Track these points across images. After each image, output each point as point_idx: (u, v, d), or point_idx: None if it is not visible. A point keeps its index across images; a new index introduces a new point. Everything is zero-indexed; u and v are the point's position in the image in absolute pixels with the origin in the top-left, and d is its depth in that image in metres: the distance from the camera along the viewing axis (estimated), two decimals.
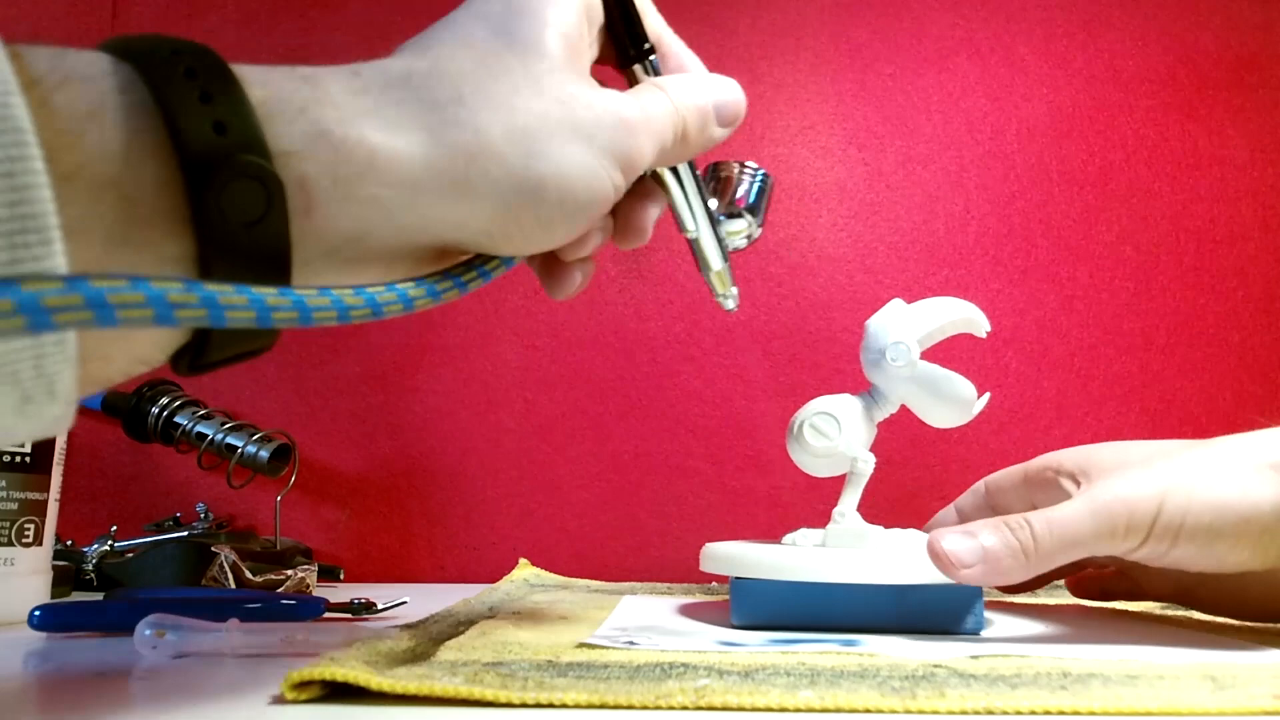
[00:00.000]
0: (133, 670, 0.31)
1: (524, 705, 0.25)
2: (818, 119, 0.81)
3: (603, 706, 0.25)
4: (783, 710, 0.24)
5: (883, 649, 0.33)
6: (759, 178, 0.38)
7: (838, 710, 0.24)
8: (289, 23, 0.83)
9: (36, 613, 0.38)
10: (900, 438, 0.43)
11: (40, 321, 0.16)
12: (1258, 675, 0.28)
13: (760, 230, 0.39)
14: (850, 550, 0.40)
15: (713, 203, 0.37)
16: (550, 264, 0.34)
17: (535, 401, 0.78)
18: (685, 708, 0.24)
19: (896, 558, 0.38)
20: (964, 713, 0.24)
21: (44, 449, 0.47)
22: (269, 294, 0.21)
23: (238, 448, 0.66)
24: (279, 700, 0.26)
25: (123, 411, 0.68)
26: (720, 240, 0.38)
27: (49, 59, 0.19)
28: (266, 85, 0.22)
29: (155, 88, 0.20)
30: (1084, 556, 0.35)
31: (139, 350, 0.22)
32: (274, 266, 0.22)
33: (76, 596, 0.57)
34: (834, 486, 0.45)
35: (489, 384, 0.78)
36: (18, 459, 0.45)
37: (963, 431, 0.47)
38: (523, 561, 0.69)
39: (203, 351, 0.23)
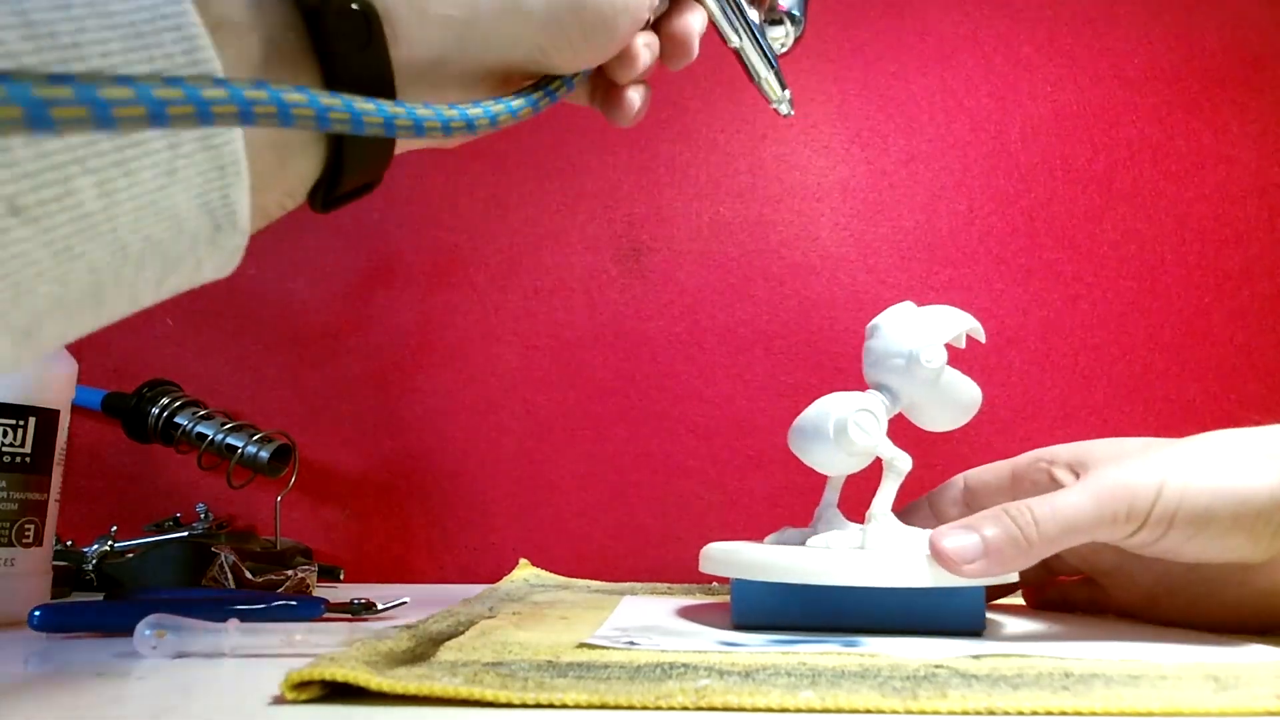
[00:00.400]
0: (133, 670, 0.31)
1: (524, 705, 0.25)
2: (821, 118, 0.81)
3: (603, 707, 0.25)
4: (783, 710, 0.24)
5: (884, 649, 0.33)
6: None
7: (838, 711, 0.24)
8: None
9: (36, 613, 0.38)
10: (900, 438, 0.43)
11: (204, 113, 0.19)
12: (1260, 675, 0.28)
13: (801, 32, 0.41)
14: (852, 552, 0.40)
15: (754, 13, 0.39)
16: (608, 91, 0.36)
17: (535, 401, 0.78)
18: (686, 708, 0.24)
19: (899, 559, 0.38)
20: (965, 713, 0.24)
21: (44, 449, 0.47)
22: (388, 105, 0.24)
23: (238, 448, 0.66)
24: (279, 700, 0.26)
25: (123, 412, 0.68)
26: (764, 48, 0.40)
27: None
28: None
29: None
30: (1085, 542, 0.35)
31: (289, 183, 0.26)
32: (382, 88, 0.26)
33: (76, 596, 0.57)
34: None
35: (489, 384, 0.78)
36: (18, 459, 0.45)
37: (965, 431, 0.47)
38: (523, 561, 0.69)
39: (335, 184, 0.27)
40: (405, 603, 0.48)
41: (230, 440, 0.67)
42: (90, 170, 0.19)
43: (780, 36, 0.41)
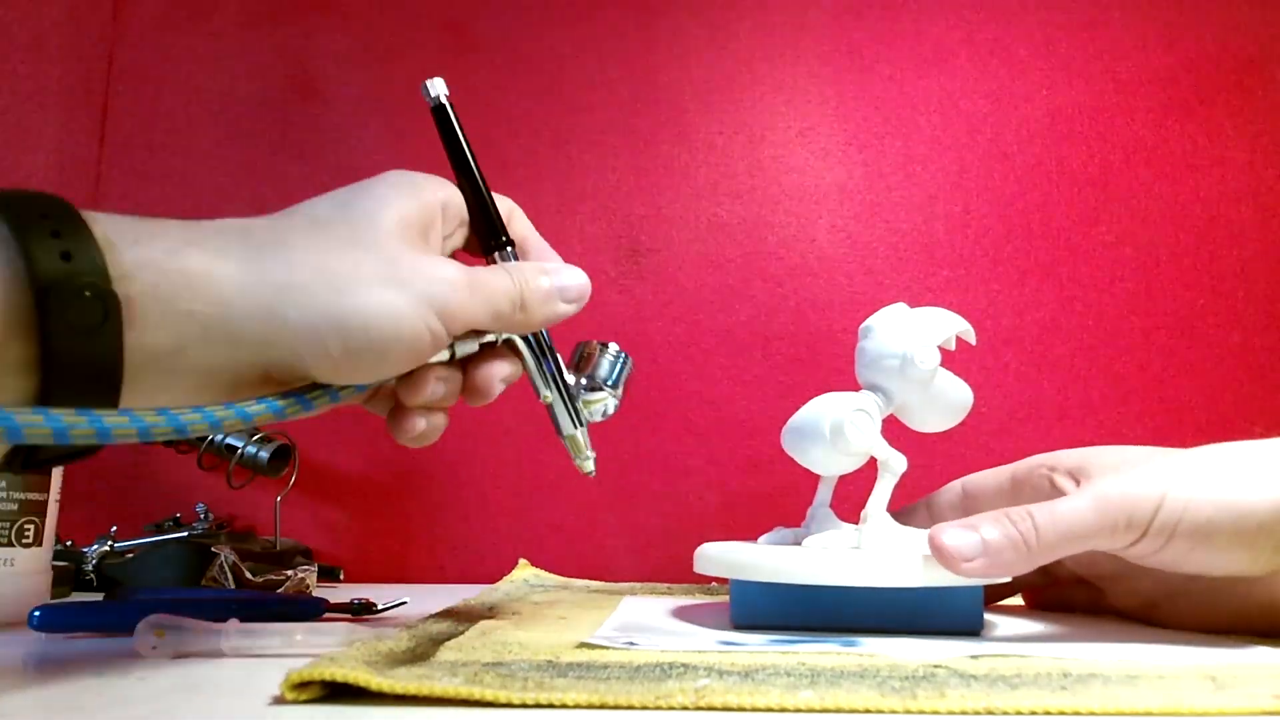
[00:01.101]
0: (133, 670, 0.31)
1: (524, 705, 0.25)
2: (818, 120, 0.81)
3: (603, 707, 0.25)
4: (783, 710, 0.24)
5: (883, 649, 0.33)
6: (619, 358, 0.43)
7: (838, 710, 0.24)
8: (290, 25, 0.83)
9: (36, 613, 0.38)
10: (899, 439, 0.43)
11: None
12: (1258, 675, 0.28)
13: (618, 404, 0.43)
14: (848, 551, 0.40)
15: (572, 377, 0.42)
16: (395, 409, 0.36)
17: (535, 401, 0.78)
18: (685, 708, 0.24)
19: (896, 559, 0.38)
20: (964, 713, 0.24)
21: None
22: (107, 414, 0.25)
23: (238, 448, 0.66)
24: (279, 700, 0.26)
25: None
26: (575, 409, 0.42)
27: None
28: (109, 226, 0.27)
29: (16, 228, 0.25)
30: (1084, 550, 0.35)
31: None
32: (108, 371, 0.26)
33: (76, 596, 0.57)
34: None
35: None
36: None
37: (962, 432, 0.47)
38: (523, 561, 0.69)
39: (34, 453, 0.27)
40: (405, 603, 0.48)
41: (230, 440, 0.67)
42: None
43: (599, 401, 0.43)
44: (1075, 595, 0.46)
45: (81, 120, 0.81)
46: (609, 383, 0.43)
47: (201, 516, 0.70)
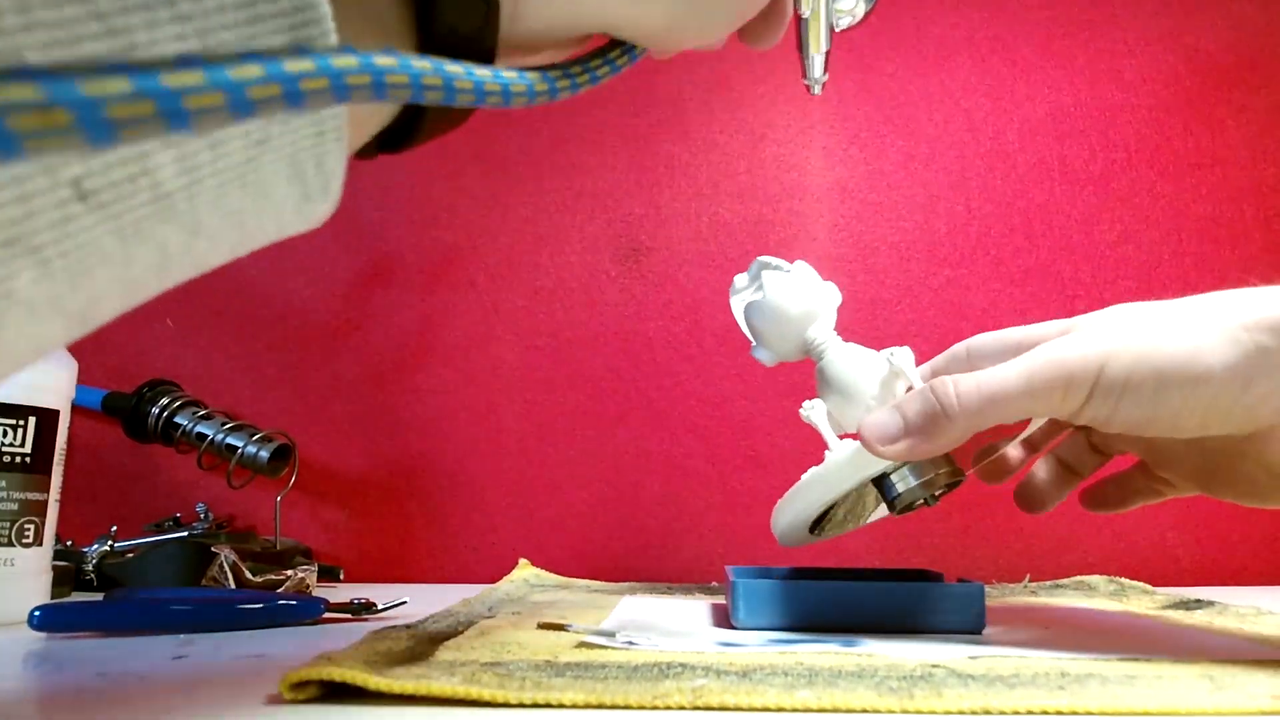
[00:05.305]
0: (133, 670, 0.31)
1: (521, 705, 0.25)
2: (819, 119, 0.81)
3: (600, 706, 0.25)
4: (780, 710, 0.24)
5: (882, 649, 0.33)
6: None
7: (835, 710, 0.24)
8: None
9: (36, 613, 0.38)
10: None
11: (339, 87, 0.17)
12: (1256, 675, 0.28)
13: (872, 6, 0.41)
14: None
15: None
16: None
17: (535, 401, 0.78)
18: (682, 707, 0.25)
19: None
20: (961, 713, 0.24)
21: (44, 449, 0.47)
22: (480, 71, 0.22)
23: (238, 448, 0.66)
24: (277, 700, 0.26)
25: (123, 411, 0.69)
26: (828, 24, 0.40)
27: None
28: None
29: None
30: (1021, 417, 0.33)
31: (369, 128, 0.24)
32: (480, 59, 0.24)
33: (76, 596, 0.57)
34: None
35: (489, 384, 0.78)
36: (18, 459, 0.45)
37: None
38: (523, 561, 0.69)
39: (412, 132, 0.25)
40: (405, 603, 0.48)
41: (230, 440, 0.67)
42: (171, 143, 0.16)
43: (849, 7, 0.41)
44: (1131, 481, 0.42)
45: None
46: None
47: (201, 516, 0.70)
